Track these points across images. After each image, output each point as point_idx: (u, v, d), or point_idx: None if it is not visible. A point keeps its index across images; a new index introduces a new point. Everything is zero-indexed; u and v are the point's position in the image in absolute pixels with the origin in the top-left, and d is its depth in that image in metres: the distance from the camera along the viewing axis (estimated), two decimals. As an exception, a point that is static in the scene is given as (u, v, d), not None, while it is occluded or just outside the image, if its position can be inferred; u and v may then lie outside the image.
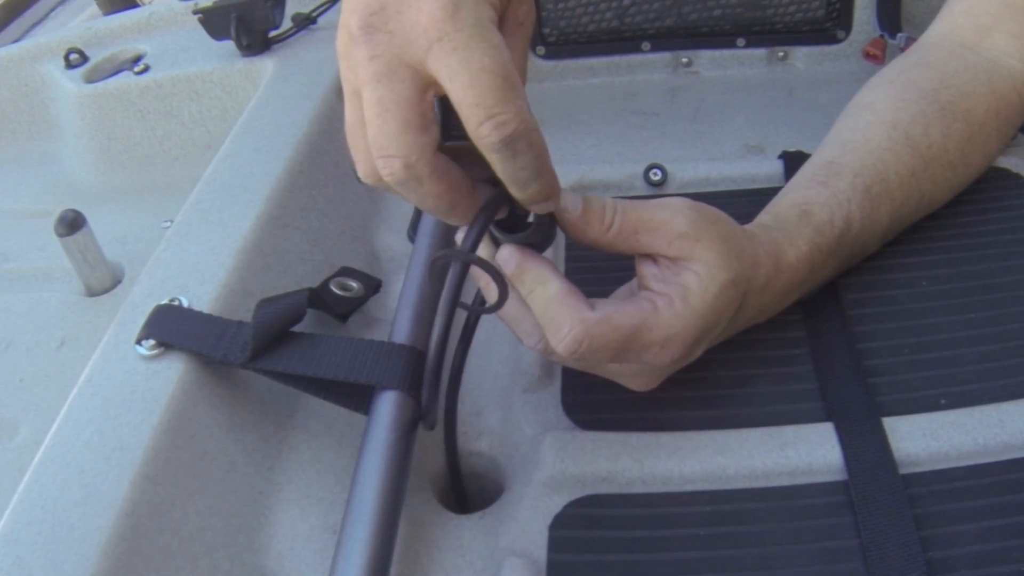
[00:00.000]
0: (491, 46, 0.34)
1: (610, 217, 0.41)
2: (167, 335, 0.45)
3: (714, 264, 0.41)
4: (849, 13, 0.80)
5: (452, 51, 0.33)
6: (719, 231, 0.42)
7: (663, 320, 0.40)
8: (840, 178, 0.49)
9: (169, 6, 0.90)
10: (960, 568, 0.37)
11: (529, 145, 0.35)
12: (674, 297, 0.40)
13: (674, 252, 0.41)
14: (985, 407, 0.43)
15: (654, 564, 0.40)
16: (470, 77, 0.33)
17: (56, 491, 0.38)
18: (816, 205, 0.48)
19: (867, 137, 0.51)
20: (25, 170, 0.87)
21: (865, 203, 0.49)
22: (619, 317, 0.39)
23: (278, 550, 0.42)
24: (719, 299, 0.41)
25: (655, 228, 0.41)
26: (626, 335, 0.39)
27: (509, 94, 0.34)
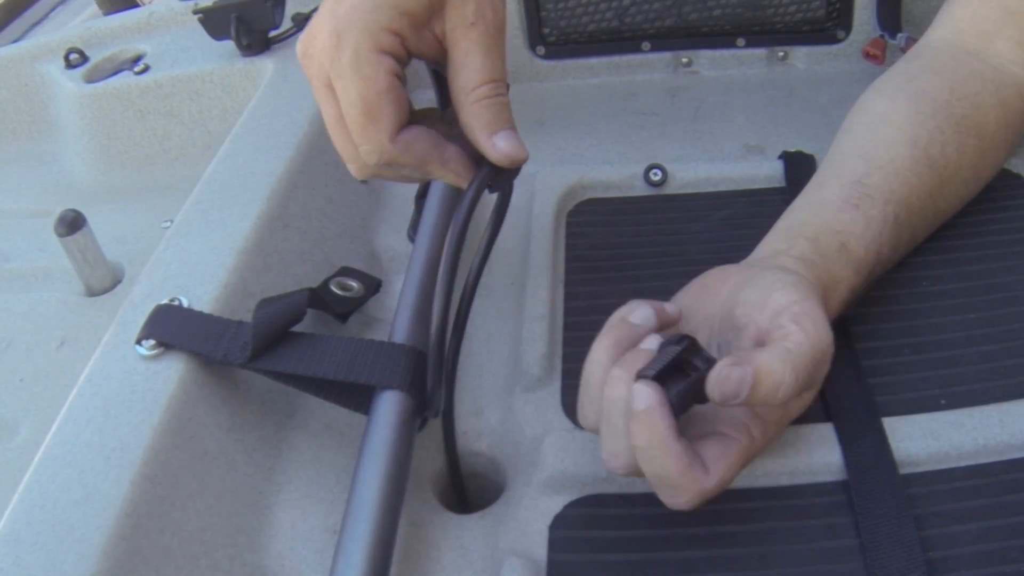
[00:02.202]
0: (360, 79, 0.39)
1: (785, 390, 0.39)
2: (167, 335, 0.45)
3: (818, 385, 0.42)
4: (849, 13, 0.80)
5: (335, 80, 0.40)
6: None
7: (756, 448, 0.41)
8: (872, 204, 0.48)
9: (169, 6, 0.90)
10: (960, 568, 0.37)
11: (400, 165, 0.41)
12: (769, 422, 0.41)
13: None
14: (985, 407, 0.43)
15: (654, 564, 0.40)
16: (344, 108, 0.40)
17: (56, 491, 0.38)
18: (853, 238, 0.47)
19: (891, 156, 0.51)
20: (25, 170, 0.87)
21: (892, 233, 0.49)
22: (730, 474, 0.39)
23: (278, 550, 0.42)
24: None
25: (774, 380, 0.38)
26: (735, 476, 0.40)
27: (367, 129, 0.40)
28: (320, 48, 0.40)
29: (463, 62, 0.41)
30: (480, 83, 0.41)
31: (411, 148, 0.41)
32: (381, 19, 0.39)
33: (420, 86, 0.86)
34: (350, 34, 0.39)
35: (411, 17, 0.40)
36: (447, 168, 0.42)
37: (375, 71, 0.39)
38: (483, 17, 0.40)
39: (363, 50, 0.39)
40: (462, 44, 0.40)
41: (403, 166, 0.41)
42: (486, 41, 0.40)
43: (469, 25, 0.40)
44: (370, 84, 0.39)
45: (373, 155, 0.41)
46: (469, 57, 0.40)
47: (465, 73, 0.41)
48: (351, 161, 0.43)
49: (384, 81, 0.39)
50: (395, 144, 0.40)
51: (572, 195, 0.62)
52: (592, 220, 0.60)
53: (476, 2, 0.40)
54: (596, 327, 0.42)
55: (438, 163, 0.42)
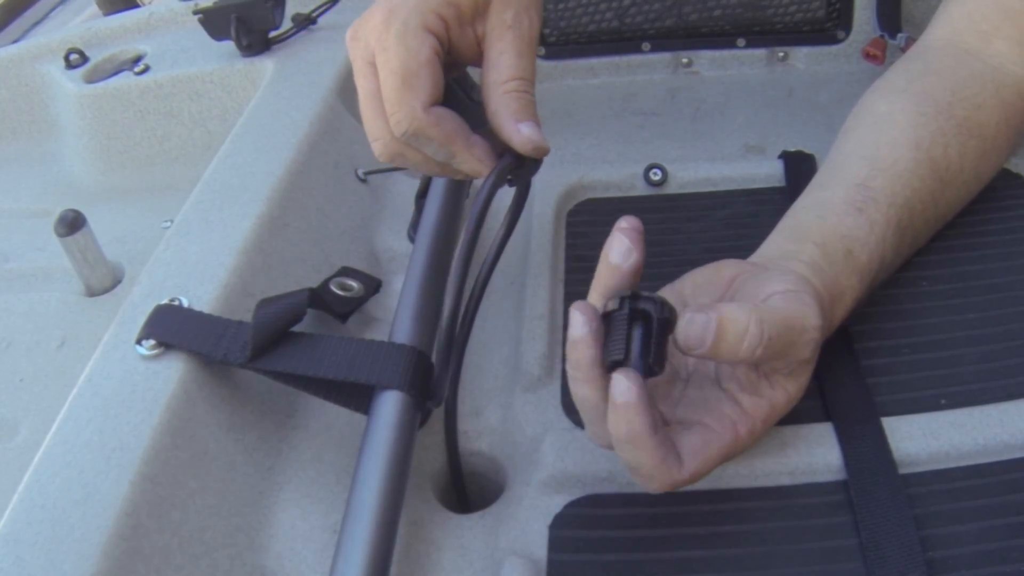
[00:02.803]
0: (404, 48, 0.41)
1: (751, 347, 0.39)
2: (167, 335, 0.45)
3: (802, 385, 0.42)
4: (849, 13, 0.80)
5: (379, 54, 0.42)
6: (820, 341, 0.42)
7: (745, 446, 0.41)
8: (876, 208, 0.49)
9: (169, 6, 0.90)
10: (960, 568, 0.37)
11: (428, 138, 0.42)
12: (758, 421, 0.41)
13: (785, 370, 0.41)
14: (985, 407, 0.43)
15: (654, 564, 0.40)
16: (383, 78, 0.42)
17: (56, 491, 0.38)
18: (858, 243, 0.47)
19: (894, 158, 0.51)
20: (25, 170, 0.87)
21: (895, 238, 0.49)
22: (706, 468, 0.39)
23: (278, 550, 0.42)
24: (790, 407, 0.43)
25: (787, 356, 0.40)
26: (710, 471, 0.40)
27: (404, 95, 0.41)
28: (370, 28, 0.43)
29: (496, 60, 0.43)
30: (510, 78, 0.43)
31: (441, 122, 0.42)
32: (432, 3, 0.42)
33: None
34: (401, 11, 0.42)
35: (457, 9, 0.43)
36: (471, 152, 0.43)
37: (419, 43, 0.41)
38: (520, 23, 0.44)
39: (411, 25, 0.42)
40: (497, 44, 0.43)
41: (429, 140, 0.42)
42: (520, 45, 0.43)
43: (506, 28, 0.43)
44: (413, 54, 0.41)
45: (404, 123, 0.42)
46: (503, 56, 0.43)
47: (497, 69, 0.43)
48: (378, 138, 0.44)
49: (426, 54, 0.42)
50: (427, 114, 0.41)
51: (572, 195, 0.62)
52: (592, 220, 0.60)
53: (515, 9, 0.43)
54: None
55: (463, 143, 0.43)
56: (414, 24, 0.42)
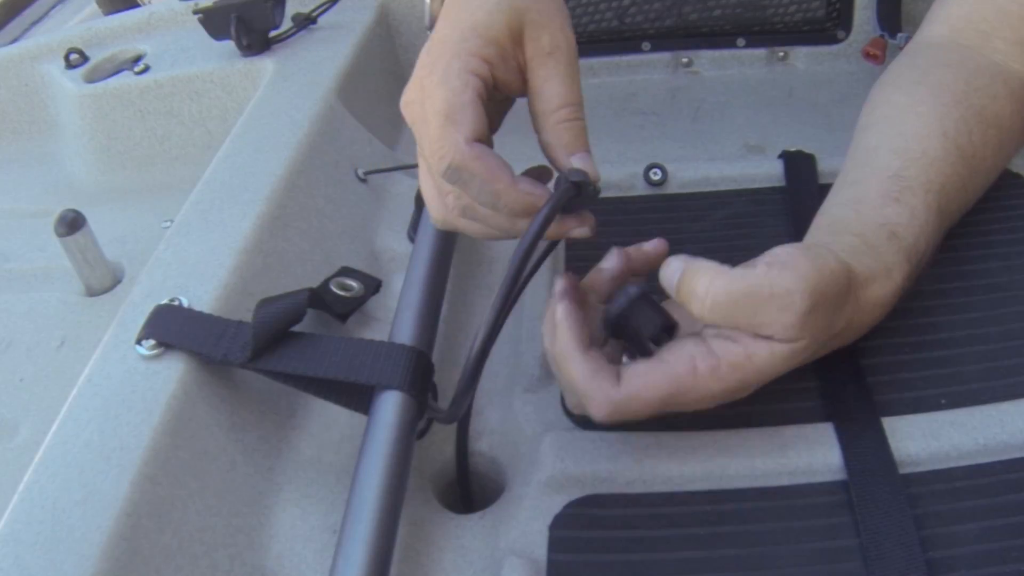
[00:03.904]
0: (447, 89, 0.41)
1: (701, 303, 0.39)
2: (167, 335, 0.45)
3: (803, 349, 0.40)
4: (849, 13, 0.80)
5: (423, 101, 0.42)
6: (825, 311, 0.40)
7: (700, 385, 0.39)
8: (913, 195, 0.48)
9: (169, 6, 0.90)
10: (960, 568, 0.37)
11: (472, 174, 0.41)
12: (724, 363, 0.39)
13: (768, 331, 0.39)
14: (985, 407, 0.43)
15: (654, 564, 0.40)
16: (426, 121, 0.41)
17: (56, 491, 0.38)
18: (901, 227, 0.47)
19: (923, 148, 0.51)
20: (25, 170, 0.87)
21: (936, 222, 0.49)
22: (647, 393, 0.39)
23: (278, 550, 0.42)
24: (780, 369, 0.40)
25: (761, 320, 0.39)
26: (659, 404, 0.39)
27: (446, 131, 0.40)
28: (415, 85, 0.42)
29: (542, 88, 0.43)
30: (560, 106, 0.43)
31: (483, 157, 0.41)
32: (470, 46, 0.42)
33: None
34: (441, 60, 0.42)
35: (498, 46, 0.42)
36: (516, 188, 0.41)
37: (462, 83, 0.41)
38: (558, 47, 0.43)
39: (454, 69, 0.41)
40: (540, 72, 0.43)
41: (472, 176, 0.41)
42: (563, 68, 0.43)
43: (546, 55, 0.43)
44: (455, 93, 0.41)
45: (447, 157, 0.41)
46: (548, 83, 0.43)
47: (545, 97, 0.43)
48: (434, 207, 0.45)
49: (470, 94, 0.41)
50: (470, 147, 0.40)
51: (572, 195, 0.62)
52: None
53: (551, 32, 0.43)
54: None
55: (508, 180, 0.41)
56: (456, 68, 0.41)
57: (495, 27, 0.42)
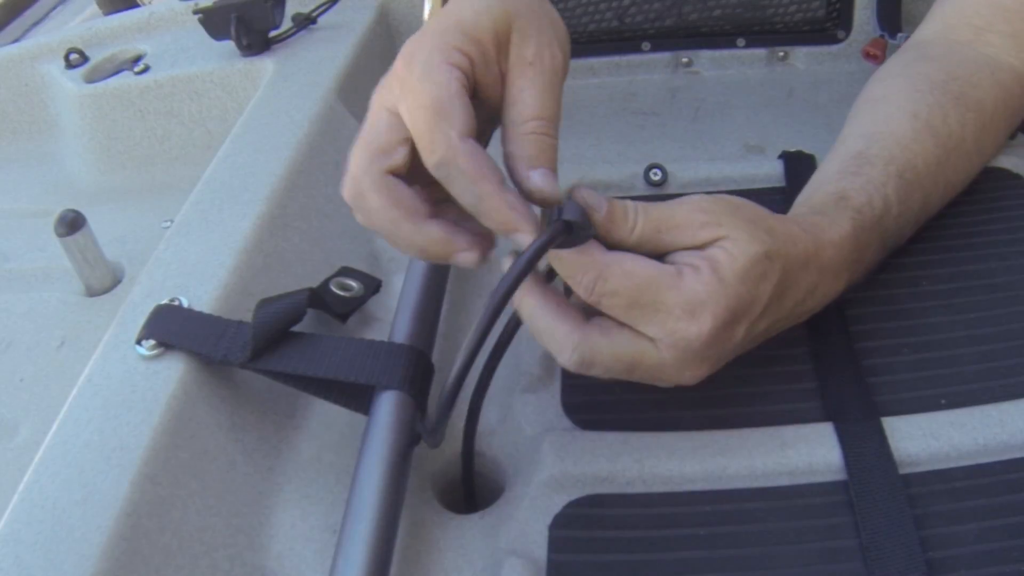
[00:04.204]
0: (432, 84, 0.38)
1: (632, 218, 0.40)
2: (167, 335, 0.45)
3: (743, 239, 0.39)
4: (849, 13, 0.80)
5: (403, 96, 0.39)
6: (743, 214, 0.41)
7: (686, 284, 0.38)
8: (872, 167, 0.49)
9: (169, 6, 0.90)
10: (960, 568, 0.37)
11: (460, 171, 0.38)
12: (700, 266, 0.39)
13: (701, 239, 0.40)
14: (985, 407, 0.43)
15: (654, 564, 0.40)
16: (411, 115, 0.39)
17: (56, 491, 0.38)
18: (852, 190, 0.47)
19: (891, 128, 0.51)
20: (25, 170, 0.87)
21: (900, 188, 0.48)
22: (632, 264, 0.38)
23: (278, 550, 0.42)
24: (752, 271, 0.39)
25: (677, 224, 0.40)
26: (639, 285, 0.38)
27: (436, 124, 0.38)
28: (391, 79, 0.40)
29: (516, 98, 0.40)
30: (531, 118, 0.40)
31: (476, 155, 0.38)
32: (450, 40, 0.40)
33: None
34: (420, 53, 0.39)
35: (479, 45, 0.40)
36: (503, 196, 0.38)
37: (447, 78, 0.38)
38: (541, 58, 0.40)
39: (434, 62, 0.39)
40: (518, 81, 0.40)
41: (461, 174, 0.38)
42: (542, 81, 0.40)
43: (527, 64, 0.40)
44: (442, 87, 0.38)
45: (439, 151, 0.38)
46: (523, 93, 0.40)
47: (517, 108, 0.40)
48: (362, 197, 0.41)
49: (455, 86, 0.38)
50: (463, 143, 0.38)
51: (572, 195, 0.62)
52: (592, 220, 0.60)
53: (536, 43, 0.40)
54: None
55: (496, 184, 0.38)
56: (437, 60, 0.39)
57: (480, 26, 0.40)
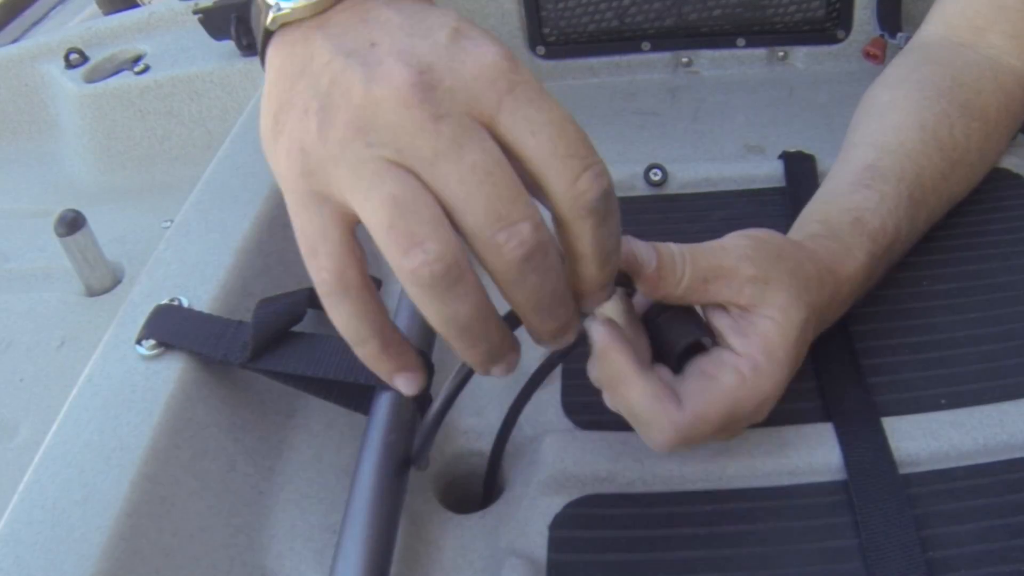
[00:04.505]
0: (553, 98, 0.30)
1: (680, 269, 0.38)
2: (167, 335, 0.45)
3: (788, 306, 0.39)
4: (849, 13, 0.80)
5: (528, 102, 0.29)
6: (786, 267, 0.40)
7: (754, 388, 0.38)
8: (885, 183, 0.48)
9: (169, 6, 0.90)
10: (960, 568, 0.37)
11: (617, 206, 0.32)
12: (758, 357, 0.38)
13: (745, 300, 0.39)
14: (985, 407, 0.43)
15: (654, 564, 0.40)
16: (557, 128, 0.30)
17: (56, 491, 0.38)
18: (868, 212, 0.47)
19: (900, 140, 0.51)
20: (25, 170, 0.87)
21: (910, 210, 0.49)
22: (711, 410, 0.37)
23: (278, 550, 0.42)
24: (800, 341, 0.40)
25: (723, 276, 0.39)
26: (721, 423, 0.37)
27: (592, 147, 0.31)
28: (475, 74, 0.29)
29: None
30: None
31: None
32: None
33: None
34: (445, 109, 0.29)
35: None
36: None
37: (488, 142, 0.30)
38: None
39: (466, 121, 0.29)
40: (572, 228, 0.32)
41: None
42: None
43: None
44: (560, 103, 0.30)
45: (606, 172, 0.31)
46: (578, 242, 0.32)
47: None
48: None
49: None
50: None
51: (572, 195, 0.62)
52: (592, 220, 0.60)
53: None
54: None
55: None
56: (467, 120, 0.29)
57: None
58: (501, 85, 0.29)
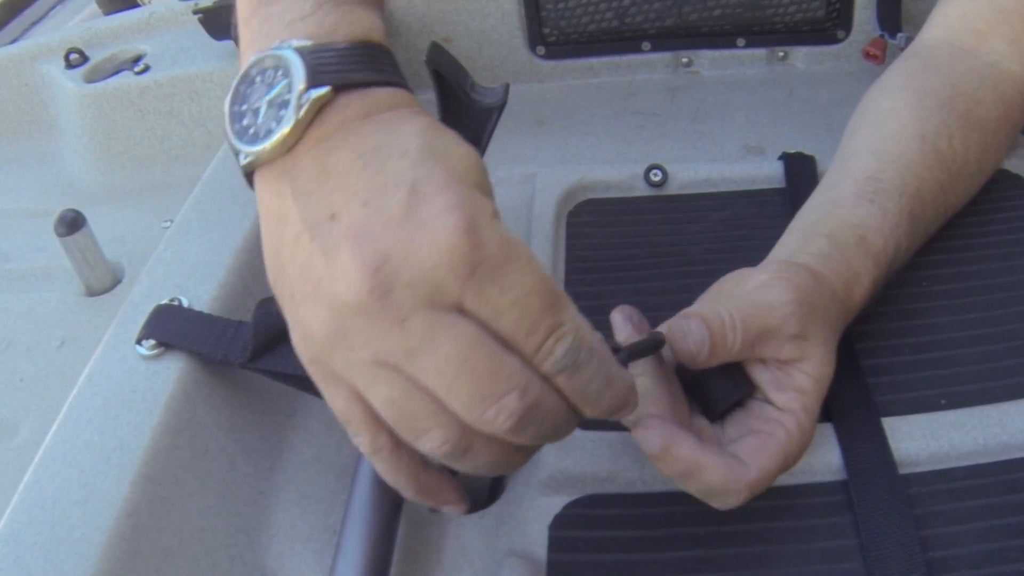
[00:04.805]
0: (526, 263, 0.30)
1: (732, 338, 0.40)
2: (167, 335, 0.45)
3: (823, 362, 0.41)
4: (849, 13, 0.80)
5: (491, 282, 0.29)
6: (821, 318, 0.42)
7: (800, 443, 0.40)
8: (888, 198, 0.49)
9: (169, 6, 0.90)
10: (960, 568, 0.37)
11: (591, 353, 0.32)
12: (800, 414, 0.40)
13: (786, 356, 0.41)
14: (985, 407, 0.43)
15: (654, 564, 0.40)
16: (520, 308, 0.30)
17: (56, 491, 0.38)
18: (871, 231, 0.47)
19: (900, 151, 0.51)
20: (25, 170, 0.87)
21: (909, 226, 0.49)
22: (771, 465, 0.39)
23: (278, 550, 0.42)
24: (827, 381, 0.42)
25: (771, 337, 0.40)
26: (777, 472, 0.39)
27: (559, 306, 0.31)
28: (433, 261, 0.29)
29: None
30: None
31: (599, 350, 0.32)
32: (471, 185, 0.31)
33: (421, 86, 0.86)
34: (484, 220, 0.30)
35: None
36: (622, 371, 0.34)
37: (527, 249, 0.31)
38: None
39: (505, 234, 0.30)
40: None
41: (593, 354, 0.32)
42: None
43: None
44: (536, 264, 0.31)
45: (572, 329, 0.31)
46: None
47: None
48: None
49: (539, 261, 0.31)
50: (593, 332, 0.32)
51: (572, 195, 0.62)
52: (592, 220, 0.60)
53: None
54: (596, 327, 0.42)
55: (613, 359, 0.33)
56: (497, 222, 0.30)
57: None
58: (462, 271, 0.29)
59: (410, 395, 0.30)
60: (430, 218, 0.29)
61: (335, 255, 0.30)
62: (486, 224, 0.29)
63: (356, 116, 0.32)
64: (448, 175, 0.30)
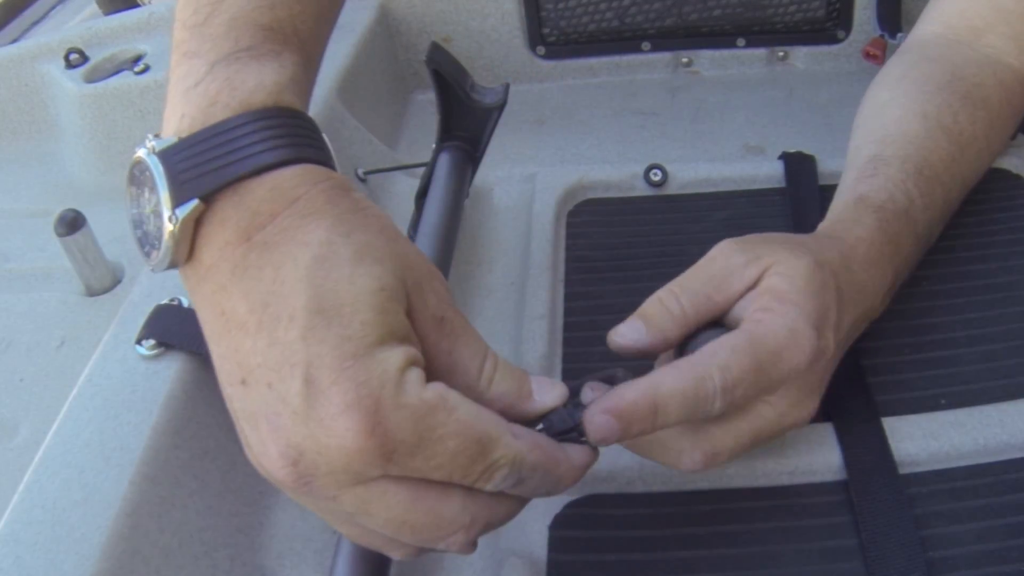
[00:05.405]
0: (444, 421, 0.29)
1: (674, 305, 0.39)
2: (167, 335, 0.45)
3: (787, 258, 0.39)
4: (849, 13, 0.80)
5: (411, 458, 0.29)
6: (774, 238, 0.41)
7: (773, 326, 0.37)
8: (888, 166, 0.48)
9: (169, 6, 0.90)
10: (960, 568, 0.37)
11: (533, 467, 0.31)
12: (769, 302, 0.38)
13: (746, 281, 0.39)
14: (985, 407, 0.43)
15: (654, 564, 0.40)
16: (447, 467, 0.29)
17: (56, 491, 0.38)
18: (871, 191, 0.46)
19: (903, 130, 0.51)
20: (25, 170, 0.87)
21: (920, 183, 0.48)
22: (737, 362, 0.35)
23: (278, 550, 0.42)
24: (812, 282, 0.38)
25: (721, 278, 0.39)
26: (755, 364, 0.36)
27: (490, 447, 0.30)
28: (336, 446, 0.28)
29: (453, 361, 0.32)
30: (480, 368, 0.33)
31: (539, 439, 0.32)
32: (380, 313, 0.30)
33: (421, 86, 0.86)
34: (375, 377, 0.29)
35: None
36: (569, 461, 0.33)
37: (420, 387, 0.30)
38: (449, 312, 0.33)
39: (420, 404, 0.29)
40: (443, 343, 0.32)
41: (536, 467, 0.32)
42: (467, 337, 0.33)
43: (438, 321, 0.32)
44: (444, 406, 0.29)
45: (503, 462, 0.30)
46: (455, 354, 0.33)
47: (462, 369, 0.33)
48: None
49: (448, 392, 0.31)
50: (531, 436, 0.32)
51: (572, 195, 0.62)
52: (592, 220, 0.60)
53: (437, 293, 0.33)
54: (596, 327, 0.42)
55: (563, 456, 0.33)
56: (404, 388, 0.29)
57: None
58: (377, 461, 0.28)
59: (369, 533, 0.32)
60: (329, 419, 0.28)
61: (257, 427, 0.30)
62: (390, 405, 0.28)
63: (235, 238, 0.30)
64: (339, 351, 0.28)
